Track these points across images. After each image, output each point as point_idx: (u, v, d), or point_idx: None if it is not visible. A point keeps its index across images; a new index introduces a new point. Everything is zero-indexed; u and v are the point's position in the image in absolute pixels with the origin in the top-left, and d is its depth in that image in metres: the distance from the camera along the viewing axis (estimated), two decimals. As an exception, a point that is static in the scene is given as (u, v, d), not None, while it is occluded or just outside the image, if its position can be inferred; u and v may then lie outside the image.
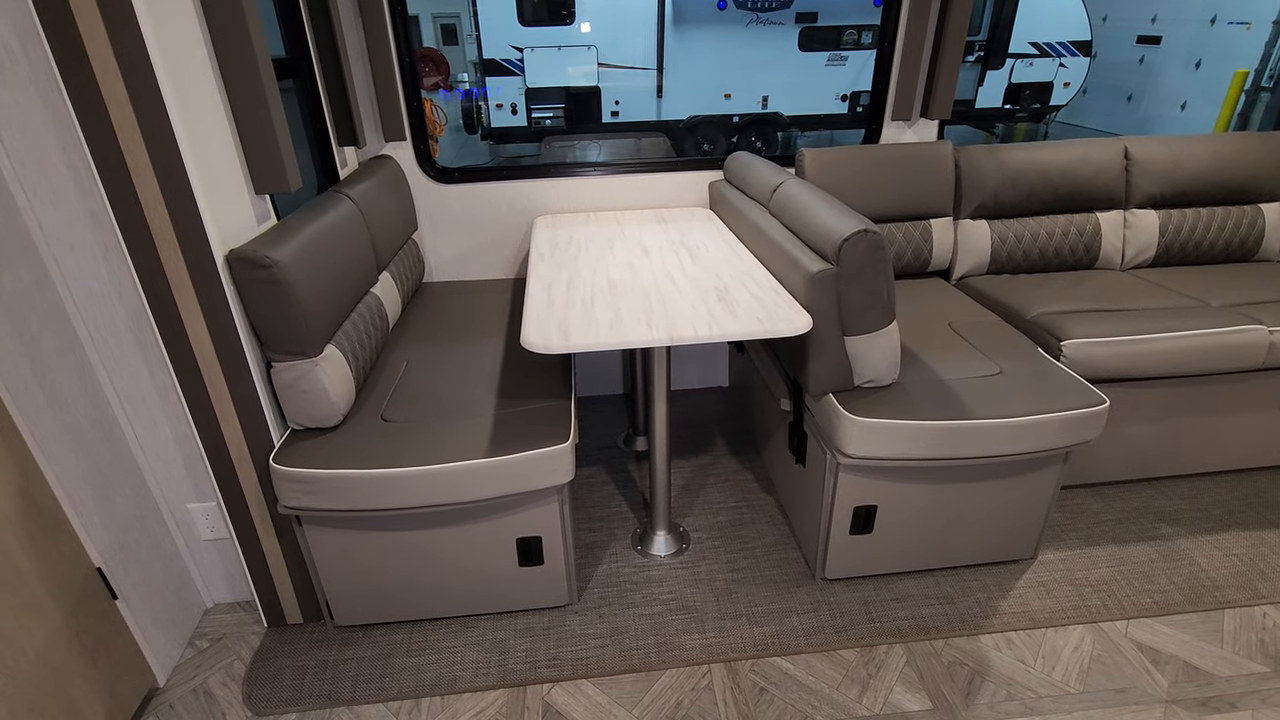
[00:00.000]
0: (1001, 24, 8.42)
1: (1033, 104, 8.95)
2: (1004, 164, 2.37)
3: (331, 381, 1.56)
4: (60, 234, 1.38)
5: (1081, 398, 1.68)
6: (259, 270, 1.40)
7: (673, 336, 1.47)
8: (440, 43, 13.69)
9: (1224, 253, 2.49)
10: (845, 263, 1.54)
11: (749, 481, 2.33)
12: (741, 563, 1.98)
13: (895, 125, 2.49)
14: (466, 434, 1.59)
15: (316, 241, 1.58)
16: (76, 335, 1.46)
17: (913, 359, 1.87)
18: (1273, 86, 7.77)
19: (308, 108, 2.05)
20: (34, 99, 1.26)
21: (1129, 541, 2.01)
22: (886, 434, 1.62)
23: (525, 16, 7.89)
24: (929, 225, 2.40)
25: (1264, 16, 8.02)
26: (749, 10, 8.01)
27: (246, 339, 1.46)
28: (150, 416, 1.59)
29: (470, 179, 2.44)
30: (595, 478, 2.37)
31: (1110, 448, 2.14)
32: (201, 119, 1.34)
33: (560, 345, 1.44)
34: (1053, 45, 8.67)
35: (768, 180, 2.05)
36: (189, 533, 1.76)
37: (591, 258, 1.97)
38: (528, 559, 1.72)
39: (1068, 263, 2.46)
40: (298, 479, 1.50)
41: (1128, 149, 2.43)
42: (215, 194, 1.37)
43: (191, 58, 1.32)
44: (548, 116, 8.31)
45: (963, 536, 1.85)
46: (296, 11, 1.93)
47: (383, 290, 2.01)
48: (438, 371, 1.86)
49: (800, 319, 1.52)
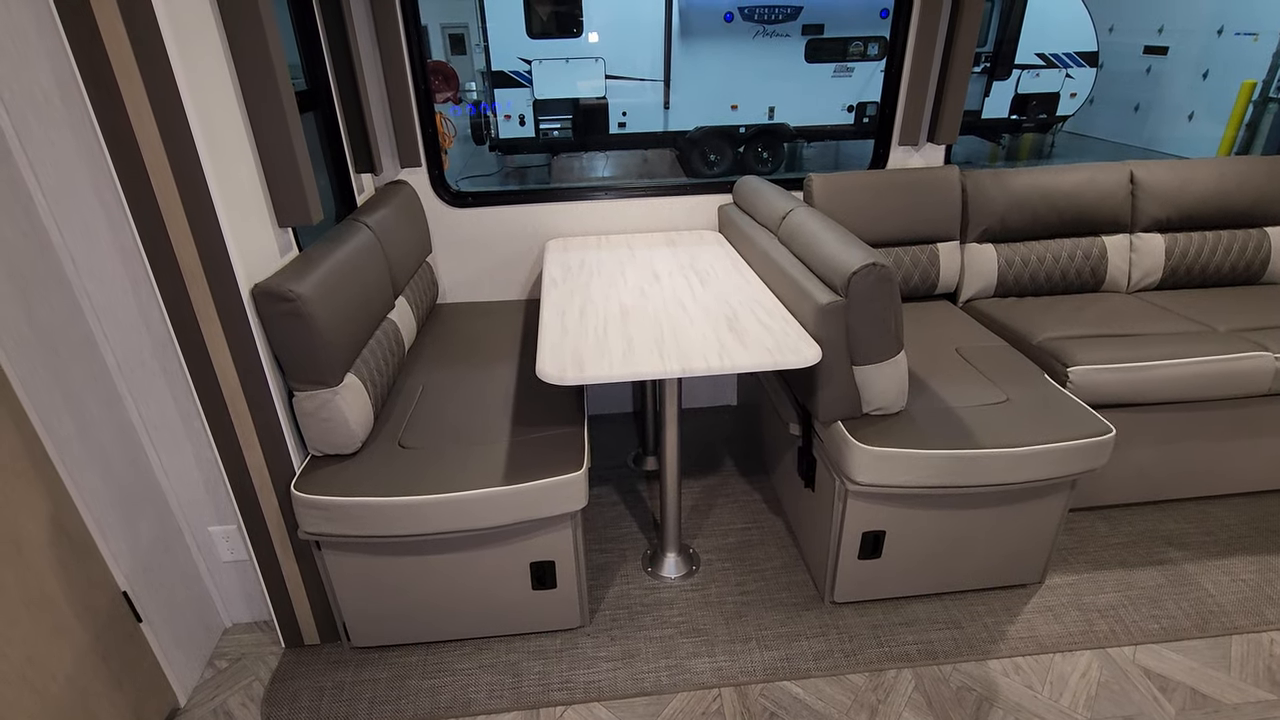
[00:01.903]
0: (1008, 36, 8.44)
1: (1039, 114, 8.96)
2: (1010, 188, 2.39)
3: (351, 410, 1.60)
4: (91, 267, 1.42)
5: (1088, 426, 1.70)
6: (283, 304, 1.43)
7: (685, 368, 1.50)
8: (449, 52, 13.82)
9: (1230, 276, 2.50)
10: (854, 295, 1.57)
11: (757, 502, 2.35)
12: (751, 585, 2.00)
13: (902, 150, 2.52)
14: (481, 461, 1.62)
15: (337, 273, 1.62)
16: (105, 365, 1.50)
17: (921, 385, 1.89)
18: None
19: (326, 136, 2.09)
20: (69, 139, 1.31)
21: (1136, 566, 2.02)
22: (895, 462, 1.65)
23: (533, 29, 7.96)
24: (936, 249, 2.43)
25: (1271, 27, 8.02)
26: (755, 22, 8.06)
27: (269, 369, 1.50)
28: (174, 443, 1.63)
29: (483, 203, 2.48)
30: (605, 498, 2.40)
31: (1117, 471, 2.16)
32: (228, 156, 1.38)
33: (575, 377, 1.47)
34: (1059, 56, 8.69)
35: (776, 207, 2.08)
36: (210, 554, 1.80)
37: (603, 283, 2.00)
38: (541, 583, 1.75)
39: (1074, 286, 2.48)
40: (318, 506, 1.53)
41: (1133, 173, 2.45)
42: (241, 228, 1.41)
43: (219, 98, 1.37)
44: (555, 128, 8.38)
45: (970, 561, 1.87)
46: (317, 46, 1.98)
47: (399, 315, 2.05)
48: (453, 396, 1.89)
49: (810, 350, 1.54)
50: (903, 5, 2.32)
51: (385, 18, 2.09)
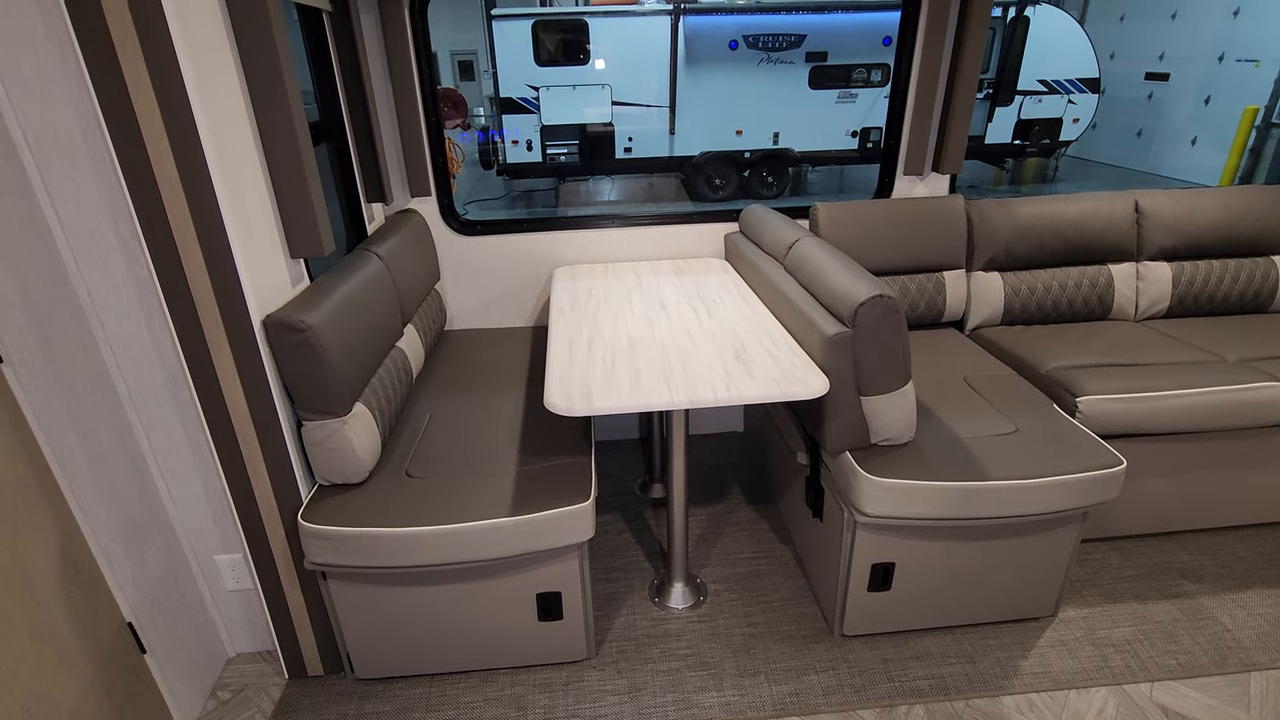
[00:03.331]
0: (1009, 63, 8.55)
1: (1042, 140, 9.03)
2: (1015, 217, 2.41)
3: (359, 439, 1.60)
4: (107, 300, 1.44)
5: (1098, 458, 1.69)
6: (294, 334, 1.45)
7: (692, 399, 1.50)
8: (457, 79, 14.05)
9: (1238, 304, 2.50)
10: (861, 326, 1.58)
11: (765, 531, 2.33)
12: (759, 616, 1.98)
13: (907, 179, 2.54)
14: (488, 492, 1.62)
15: (348, 303, 1.64)
16: (117, 395, 1.52)
17: (929, 415, 1.89)
18: (1285, 122, 7.80)
19: (339, 166, 2.13)
20: (90, 176, 1.33)
21: (1151, 599, 1.99)
22: (903, 494, 1.64)
23: (541, 57, 8.11)
24: (942, 277, 2.43)
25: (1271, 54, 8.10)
26: (759, 50, 8.19)
27: (279, 398, 1.51)
28: (183, 472, 1.64)
29: (491, 231, 2.51)
30: (612, 525, 2.39)
31: (1129, 501, 2.13)
32: (243, 190, 1.41)
33: (583, 408, 1.48)
34: (1061, 82, 8.77)
35: (783, 236, 2.10)
36: (214, 583, 1.80)
37: (610, 312, 2.01)
38: (547, 614, 1.73)
39: (1081, 314, 2.48)
40: (325, 536, 1.53)
41: (1138, 202, 2.46)
42: (253, 261, 1.43)
43: (236, 134, 1.39)
44: (562, 153, 8.49)
45: (982, 593, 1.85)
46: (331, 78, 2.02)
47: (407, 343, 2.06)
48: (460, 425, 1.90)
49: (817, 381, 1.55)
50: (906, 38, 2.36)
51: (397, 49, 2.14)
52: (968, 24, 2.24)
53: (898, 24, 2.32)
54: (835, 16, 8.11)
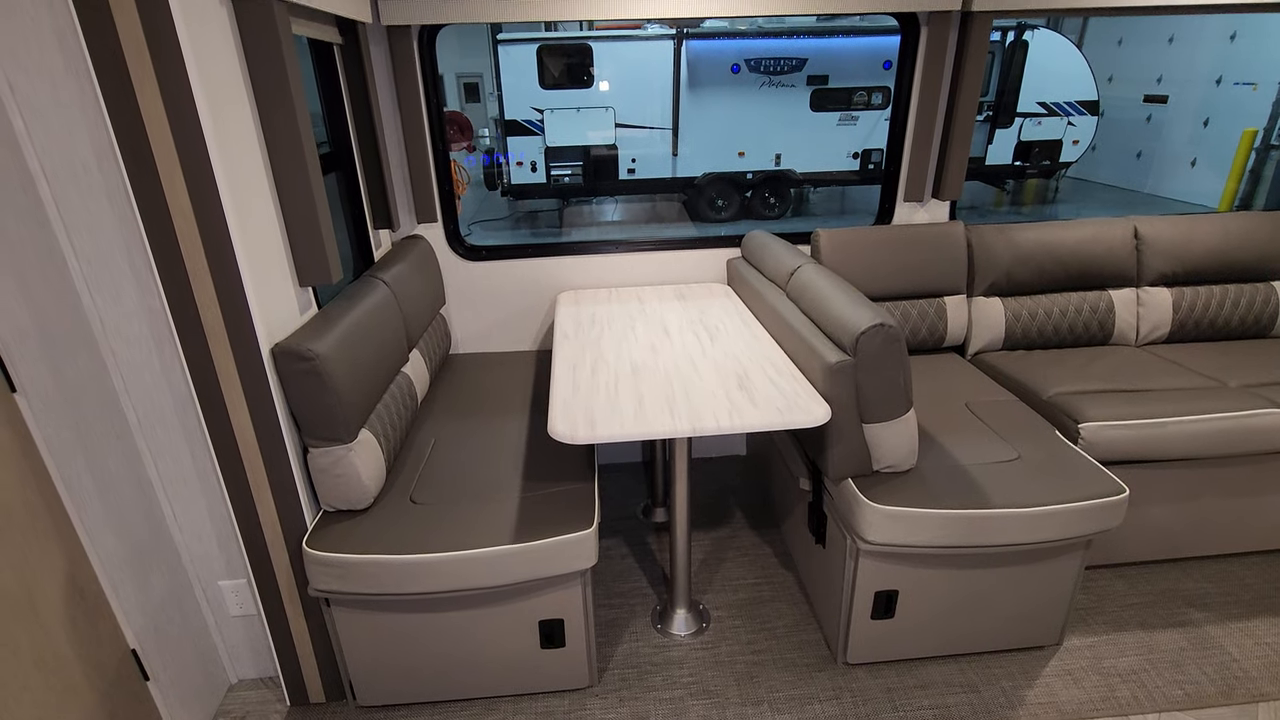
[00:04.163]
0: (1009, 85, 8.65)
1: (1043, 161, 9.11)
2: (1015, 243, 2.43)
3: (364, 465, 1.61)
4: (119, 328, 1.46)
5: (1101, 486, 1.69)
6: (302, 363, 1.47)
7: (695, 427, 1.51)
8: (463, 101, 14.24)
9: (1239, 330, 2.51)
10: (862, 355, 1.59)
11: (768, 556, 2.33)
12: (762, 644, 1.97)
13: (908, 206, 2.57)
14: (492, 518, 1.62)
15: (355, 331, 1.66)
16: (127, 422, 1.53)
17: (931, 441, 1.89)
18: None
19: (347, 194, 2.16)
20: (105, 206, 1.36)
21: (1157, 627, 1.98)
22: (906, 522, 1.64)
23: (545, 80, 8.23)
24: (943, 302, 2.45)
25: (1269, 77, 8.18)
26: (762, 73, 8.31)
27: (286, 425, 1.52)
28: (189, 498, 1.65)
29: (496, 256, 2.54)
30: (614, 550, 2.38)
31: (1133, 528, 2.13)
32: (254, 221, 1.43)
33: (586, 435, 1.49)
34: (1060, 105, 8.87)
35: (785, 263, 2.12)
36: (218, 608, 1.80)
37: (614, 338, 2.03)
38: (550, 641, 1.73)
39: (1082, 339, 2.49)
40: (329, 563, 1.54)
41: (1137, 228, 2.48)
42: (263, 289, 1.45)
43: (248, 165, 1.42)
44: (566, 174, 8.58)
45: (986, 621, 1.84)
46: (341, 110, 2.07)
47: (412, 368, 2.08)
48: (464, 450, 1.91)
49: (819, 409, 1.56)
50: (905, 66, 2.40)
51: (405, 79, 2.18)
52: (966, 52, 2.28)
53: (897, 48, 2.36)
54: (836, 41, 8.23)
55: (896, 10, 2.18)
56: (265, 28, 1.41)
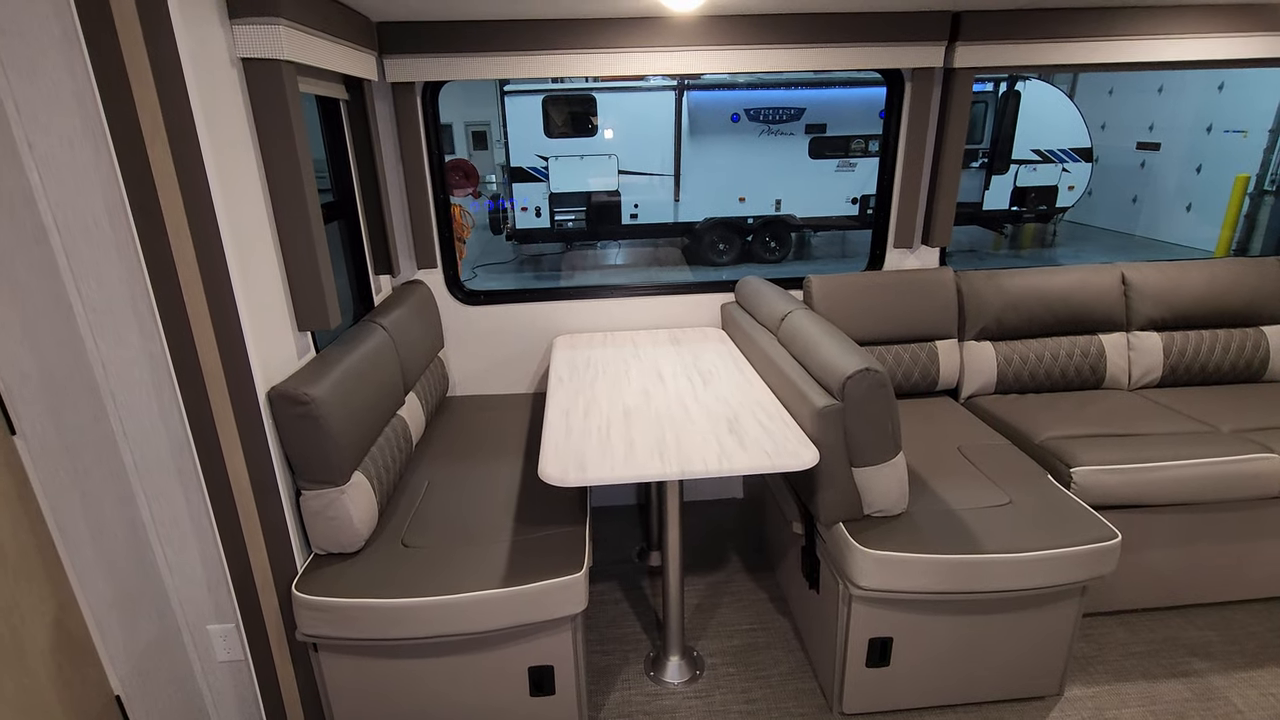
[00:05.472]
0: (1003, 133, 8.86)
1: (1039, 206, 9.26)
2: (1004, 289, 2.47)
3: (357, 509, 1.63)
4: (120, 373, 1.50)
5: (1093, 531, 1.68)
6: (298, 407, 1.50)
7: (684, 470, 1.52)
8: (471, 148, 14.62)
9: (1231, 374, 2.52)
10: (850, 399, 1.61)
11: (763, 601, 2.30)
12: (757, 693, 1.93)
13: (898, 252, 2.62)
14: (482, 562, 1.62)
15: (352, 375, 1.69)
16: (123, 465, 1.56)
17: (923, 486, 1.90)
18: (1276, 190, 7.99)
19: (349, 242, 2.23)
20: (113, 258, 1.41)
21: (1159, 677, 1.94)
22: (897, 567, 1.63)
23: (550, 129, 8.48)
24: (935, 347, 2.48)
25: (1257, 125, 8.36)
26: (761, 122, 8.54)
27: (280, 468, 1.54)
28: (182, 540, 1.66)
29: (495, 301, 2.59)
30: (609, 595, 2.36)
31: (1132, 574, 2.10)
32: (256, 269, 1.48)
33: (577, 478, 1.50)
34: (1054, 151, 9.06)
35: (776, 308, 2.16)
36: (205, 654, 1.78)
37: (608, 383, 2.06)
38: (539, 689, 1.71)
39: (1075, 383, 2.50)
40: (318, 607, 1.53)
41: (1124, 275, 2.52)
42: (262, 336, 1.49)
43: (252, 217, 1.48)
44: (570, 219, 8.76)
45: (983, 670, 1.81)
46: (346, 161, 2.15)
47: (408, 411, 2.10)
48: (457, 493, 1.92)
49: (807, 453, 1.57)
50: (892, 118, 2.48)
51: (409, 132, 2.26)
52: (950, 106, 2.36)
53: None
54: (833, 91, 8.49)
55: (881, 67, 2.27)
56: (273, 87, 1.48)
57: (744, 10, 2.13)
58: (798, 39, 2.20)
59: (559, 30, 2.14)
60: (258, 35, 1.43)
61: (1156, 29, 2.25)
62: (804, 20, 2.18)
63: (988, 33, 2.22)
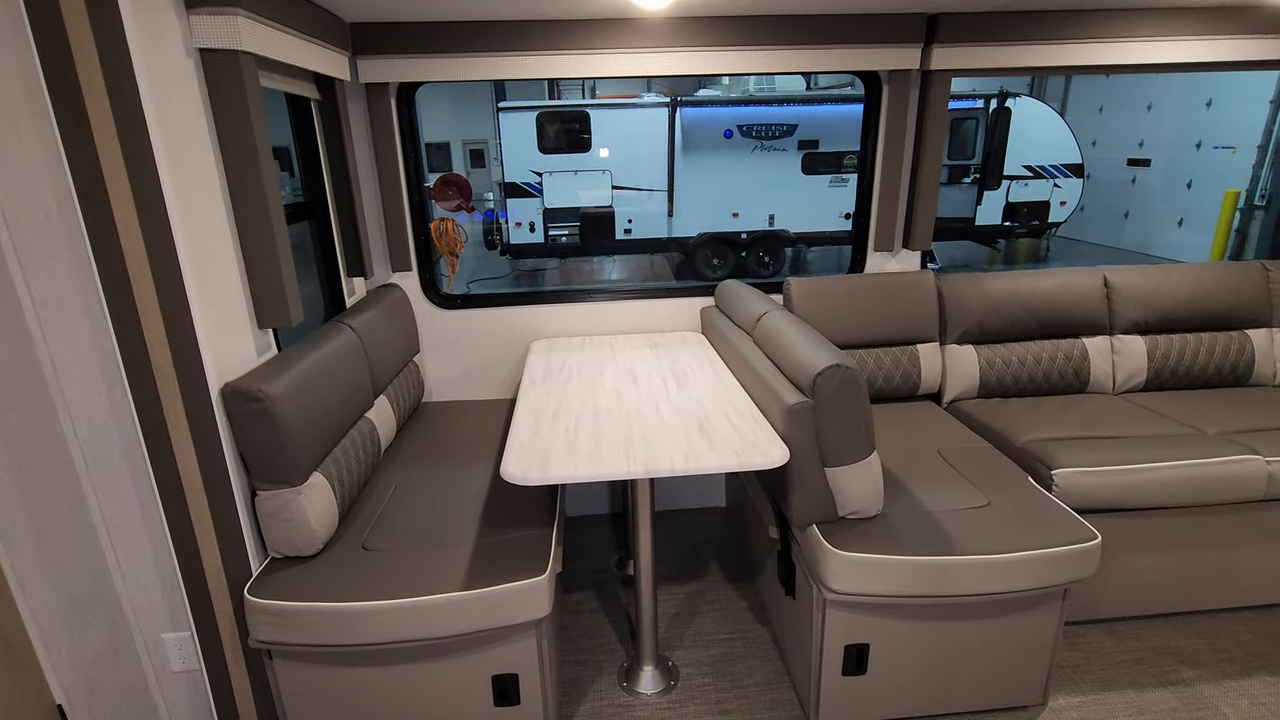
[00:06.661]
0: (994, 150, 8.91)
1: (1031, 221, 9.30)
2: (986, 292, 2.44)
3: (314, 510, 1.58)
4: (70, 370, 1.46)
5: (1072, 533, 1.64)
6: (252, 403, 1.46)
7: (649, 469, 1.48)
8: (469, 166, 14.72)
9: (1216, 378, 2.49)
10: (820, 396, 1.58)
11: (742, 610, 2.24)
12: (732, 704, 1.87)
13: (879, 255, 2.60)
14: (443, 565, 1.57)
15: (312, 373, 1.66)
16: (73, 466, 1.51)
17: (900, 488, 1.85)
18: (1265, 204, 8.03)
19: (320, 243, 2.20)
20: (62, 250, 1.38)
21: (1147, 686, 1.88)
22: (870, 569, 1.58)
23: (545, 145, 8.53)
24: (916, 350, 2.45)
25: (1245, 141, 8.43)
26: (754, 138, 8.59)
27: (234, 468, 1.50)
28: (134, 545, 1.61)
29: (471, 305, 2.56)
30: (584, 604, 2.30)
31: (1118, 580, 2.05)
32: (212, 264, 1.45)
33: (539, 477, 1.46)
34: (1045, 167, 9.11)
35: (753, 310, 2.13)
36: (160, 664, 1.72)
37: (581, 385, 2.02)
38: (503, 698, 1.65)
39: (1058, 387, 2.47)
40: (270, 611, 1.48)
41: (1107, 278, 2.50)
42: (216, 331, 1.46)
43: (209, 210, 1.45)
44: (564, 234, 8.78)
45: (964, 679, 1.75)
46: (317, 161, 2.13)
47: (377, 414, 2.06)
48: (424, 496, 1.87)
49: (777, 451, 1.53)
50: (870, 126, 2.47)
51: (383, 134, 2.25)
52: (927, 108, 2.36)
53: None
54: (825, 109, 8.56)
55: (858, 69, 2.26)
56: (232, 80, 1.46)
57: (718, 11, 2.13)
58: (775, 41, 2.20)
59: (534, 32, 2.13)
60: (215, 25, 1.42)
61: (1131, 32, 2.25)
62: (781, 22, 2.18)
63: (964, 35, 2.22)
